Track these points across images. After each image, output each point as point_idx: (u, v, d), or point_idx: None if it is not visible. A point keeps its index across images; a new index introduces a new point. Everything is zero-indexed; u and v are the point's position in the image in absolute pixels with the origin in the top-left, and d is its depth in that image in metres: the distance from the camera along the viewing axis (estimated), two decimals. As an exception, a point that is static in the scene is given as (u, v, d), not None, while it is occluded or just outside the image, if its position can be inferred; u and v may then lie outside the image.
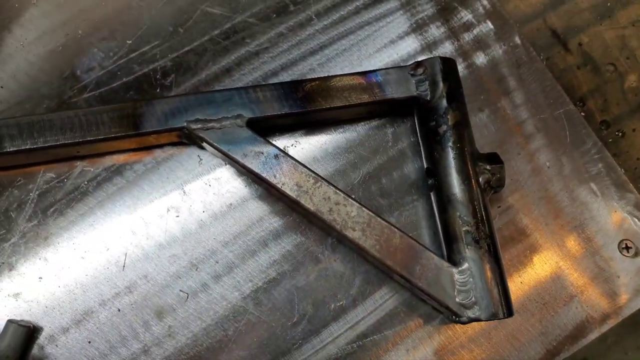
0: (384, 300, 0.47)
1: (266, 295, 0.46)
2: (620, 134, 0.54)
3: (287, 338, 0.45)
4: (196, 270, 0.47)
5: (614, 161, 0.52)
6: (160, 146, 0.50)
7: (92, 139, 0.45)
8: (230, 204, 0.48)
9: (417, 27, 0.55)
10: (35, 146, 0.45)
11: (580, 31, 0.57)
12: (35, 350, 0.44)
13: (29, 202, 0.48)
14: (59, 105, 0.51)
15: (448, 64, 0.48)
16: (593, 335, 0.47)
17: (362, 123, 0.52)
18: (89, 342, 0.45)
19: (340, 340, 0.46)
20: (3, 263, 0.46)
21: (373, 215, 0.44)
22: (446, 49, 0.55)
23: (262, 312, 0.46)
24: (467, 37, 0.55)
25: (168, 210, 0.48)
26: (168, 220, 0.48)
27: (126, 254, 0.47)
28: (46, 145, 0.45)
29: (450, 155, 0.45)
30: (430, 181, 0.48)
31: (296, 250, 0.48)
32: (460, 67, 0.54)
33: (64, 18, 0.54)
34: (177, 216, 0.48)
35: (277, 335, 0.45)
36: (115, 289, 0.46)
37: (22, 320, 0.44)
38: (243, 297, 0.46)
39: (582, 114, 0.54)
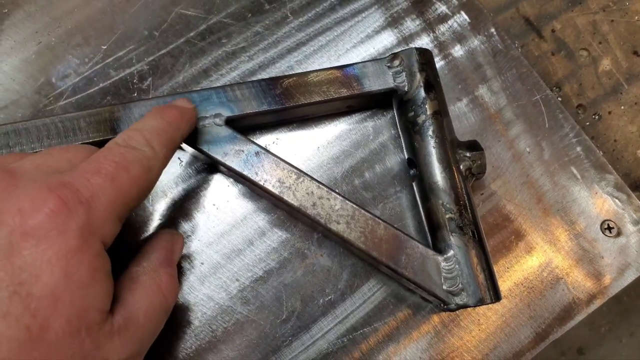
0: (372, 292, 0.47)
1: (253, 293, 0.46)
2: (596, 117, 0.55)
3: (276, 336, 0.45)
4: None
5: (592, 144, 0.52)
6: (140, 150, 0.49)
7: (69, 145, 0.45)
8: (214, 204, 0.48)
9: (393, 21, 0.56)
10: (11, 155, 0.44)
11: (553, 18, 0.57)
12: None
13: (8, 212, 0.47)
14: (35, 114, 0.50)
15: (424, 54, 0.48)
16: (580, 317, 0.48)
17: (343, 118, 0.52)
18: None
19: (330, 335, 0.45)
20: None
21: (357, 207, 0.44)
22: (422, 41, 0.55)
23: (250, 311, 0.45)
24: (442, 28, 0.56)
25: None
26: (151, 224, 0.47)
27: (110, 260, 0.46)
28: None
29: (430, 144, 0.45)
30: (411, 171, 0.48)
31: (282, 247, 0.47)
32: (437, 59, 0.54)
33: (36, 27, 0.53)
34: (160, 220, 0.47)
35: (267, 333, 0.45)
36: (100, 296, 0.45)
37: None
38: (230, 297, 0.46)
39: (559, 99, 0.55)
